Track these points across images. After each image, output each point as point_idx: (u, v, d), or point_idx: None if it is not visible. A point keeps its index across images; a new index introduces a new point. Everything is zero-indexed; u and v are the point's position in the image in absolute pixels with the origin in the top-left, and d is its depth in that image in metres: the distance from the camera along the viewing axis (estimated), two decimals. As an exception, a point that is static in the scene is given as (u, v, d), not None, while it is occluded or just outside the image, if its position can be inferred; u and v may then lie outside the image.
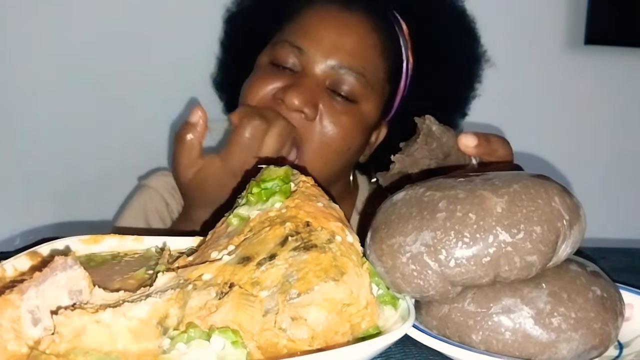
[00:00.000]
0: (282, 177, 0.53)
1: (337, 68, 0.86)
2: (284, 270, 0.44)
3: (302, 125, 0.84)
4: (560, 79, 1.42)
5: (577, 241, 0.49)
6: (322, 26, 0.88)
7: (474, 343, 0.47)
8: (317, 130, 0.85)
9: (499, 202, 0.46)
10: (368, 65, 0.88)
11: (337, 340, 0.43)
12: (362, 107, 0.89)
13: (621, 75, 1.44)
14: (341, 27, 0.88)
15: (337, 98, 0.86)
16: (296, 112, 0.83)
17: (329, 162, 0.87)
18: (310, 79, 0.86)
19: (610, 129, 1.46)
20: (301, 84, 0.85)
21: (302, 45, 0.87)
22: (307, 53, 0.87)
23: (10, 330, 0.38)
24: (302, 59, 0.87)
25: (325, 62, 0.86)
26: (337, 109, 0.86)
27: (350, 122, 0.87)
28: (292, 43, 0.88)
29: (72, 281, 0.41)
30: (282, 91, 0.84)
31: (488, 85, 1.36)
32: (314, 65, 0.86)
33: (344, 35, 0.88)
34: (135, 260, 0.54)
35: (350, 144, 0.89)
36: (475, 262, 0.45)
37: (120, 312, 0.38)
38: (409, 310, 0.47)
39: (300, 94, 0.83)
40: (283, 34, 0.91)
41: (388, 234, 0.48)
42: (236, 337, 0.40)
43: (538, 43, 1.40)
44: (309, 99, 0.84)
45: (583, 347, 0.47)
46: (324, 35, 0.87)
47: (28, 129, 1.24)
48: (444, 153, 0.62)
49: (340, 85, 0.86)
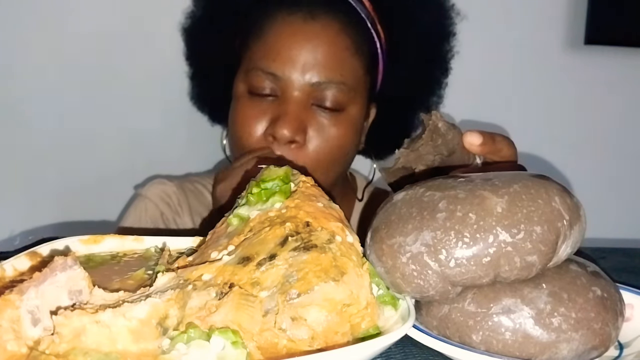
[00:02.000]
0: (282, 177, 0.53)
1: (316, 85, 0.86)
2: (284, 270, 0.44)
3: (296, 154, 0.86)
4: (560, 79, 1.42)
5: (578, 241, 0.49)
6: (291, 43, 0.87)
7: (474, 343, 0.47)
8: (310, 151, 0.87)
9: (499, 202, 0.46)
10: (346, 71, 0.88)
11: (337, 341, 0.43)
12: (349, 112, 0.89)
13: (621, 75, 1.44)
14: (310, 39, 0.87)
15: (323, 113, 0.87)
16: (288, 144, 0.85)
17: (330, 171, 0.89)
18: (293, 104, 0.86)
19: (610, 129, 1.46)
20: (286, 114, 0.85)
21: (275, 71, 0.86)
22: (283, 78, 0.86)
23: (9, 330, 0.38)
24: (279, 85, 0.87)
25: (303, 81, 0.86)
26: (325, 124, 0.87)
27: (340, 131, 0.88)
28: (265, 70, 0.87)
29: (71, 281, 0.41)
30: (271, 128, 0.85)
31: (488, 85, 1.36)
32: (293, 89, 0.86)
33: (315, 48, 0.86)
34: (134, 261, 0.54)
35: (346, 149, 0.90)
36: (475, 262, 0.45)
37: (120, 312, 0.38)
38: (409, 310, 0.47)
39: (288, 125, 0.84)
40: (252, 57, 0.89)
41: (388, 234, 0.48)
42: (236, 338, 0.40)
43: (538, 43, 1.40)
44: (297, 126, 0.85)
45: (583, 348, 0.47)
46: (294, 54, 0.86)
47: (28, 129, 1.24)
48: (449, 150, 0.62)
49: (323, 100, 0.87)
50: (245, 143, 0.88)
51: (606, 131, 1.46)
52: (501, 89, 1.39)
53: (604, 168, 1.46)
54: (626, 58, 1.42)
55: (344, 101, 0.88)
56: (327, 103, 0.87)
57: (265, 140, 0.86)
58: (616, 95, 1.45)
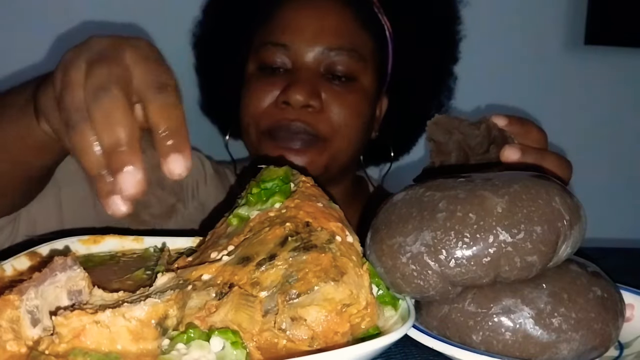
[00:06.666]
0: (281, 177, 0.53)
1: (326, 52, 0.85)
2: (284, 270, 0.44)
3: (314, 118, 0.84)
4: (560, 79, 1.42)
5: (578, 241, 0.49)
6: (299, 16, 0.87)
7: (474, 343, 0.47)
8: (330, 118, 0.86)
9: (499, 202, 0.46)
10: (356, 40, 0.88)
11: (337, 341, 0.43)
12: (361, 81, 0.88)
13: (621, 75, 1.44)
14: (317, 10, 0.87)
15: (335, 81, 0.86)
16: (303, 109, 0.83)
17: (352, 141, 0.89)
18: (305, 72, 0.85)
19: (610, 129, 1.46)
20: (298, 80, 0.84)
21: (285, 41, 0.86)
22: (293, 47, 0.85)
23: (9, 330, 0.38)
24: (289, 55, 0.86)
25: (313, 50, 0.85)
26: (340, 91, 0.86)
27: (355, 99, 0.87)
28: (274, 42, 0.86)
29: (71, 281, 0.41)
30: (283, 94, 0.84)
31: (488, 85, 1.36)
32: (304, 57, 0.85)
33: (324, 18, 0.87)
34: (133, 261, 0.54)
35: (363, 119, 0.89)
36: (475, 262, 0.45)
37: (119, 312, 0.38)
38: (409, 310, 0.47)
39: (301, 89, 0.83)
40: (261, 37, 0.89)
41: (388, 234, 0.48)
42: (236, 338, 0.40)
43: (538, 43, 1.40)
44: (311, 90, 0.84)
45: (583, 348, 0.47)
46: (303, 24, 0.86)
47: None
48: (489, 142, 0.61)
49: (335, 68, 0.86)
50: (257, 113, 0.86)
51: (606, 131, 1.46)
52: (501, 89, 1.39)
53: (604, 168, 1.46)
54: (626, 58, 1.42)
55: (356, 70, 0.87)
56: (339, 71, 0.86)
57: (277, 109, 0.85)
58: (616, 95, 1.45)
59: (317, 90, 0.85)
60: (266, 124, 0.86)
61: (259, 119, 0.87)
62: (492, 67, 1.37)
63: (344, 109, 0.86)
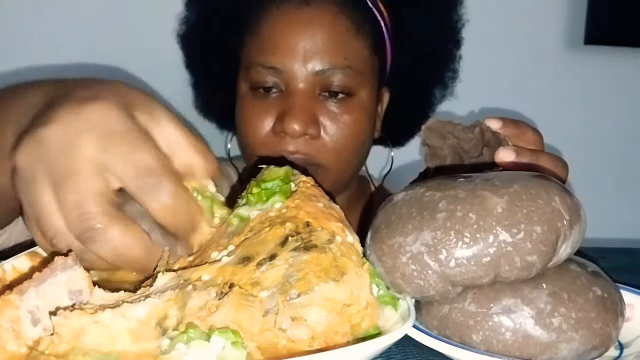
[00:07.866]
0: (282, 177, 0.53)
1: (320, 73, 0.82)
2: (284, 270, 0.44)
3: (313, 147, 0.83)
4: (560, 79, 1.42)
5: (578, 241, 0.49)
6: (288, 33, 0.83)
7: (474, 343, 0.47)
8: (328, 143, 0.83)
9: (499, 202, 0.46)
10: (350, 54, 0.84)
11: (337, 341, 0.43)
12: (359, 96, 0.86)
13: (621, 75, 1.44)
14: (306, 26, 0.83)
15: (332, 99, 0.84)
16: (301, 137, 0.82)
17: (350, 161, 0.87)
18: (300, 96, 0.82)
19: (610, 129, 1.46)
20: (293, 107, 0.81)
21: (275, 64, 0.82)
22: (285, 70, 0.82)
23: (9, 330, 0.38)
24: (282, 78, 0.83)
25: (306, 71, 0.82)
26: (337, 112, 0.84)
27: (353, 118, 0.85)
28: (264, 65, 0.83)
29: (72, 281, 0.41)
30: (280, 124, 0.82)
31: (488, 85, 1.36)
32: (297, 80, 0.82)
33: (314, 35, 0.82)
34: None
35: (362, 137, 0.87)
36: (475, 262, 0.45)
37: (119, 312, 0.38)
38: (409, 310, 0.47)
39: (297, 119, 0.80)
40: (250, 54, 0.86)
41: (388, 234, 0.48)
42: (236, 338, 0.40)
43: (538, 43, 1.40)
44: (307, 118, 0.81)
45: (583, 348, 0.47)
46: (293, 43, 0.82)
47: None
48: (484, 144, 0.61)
49: (330, 87, 0.83)
50: (255, 142, 0.85)
51: (606, 131, 1.46)
52: (501, 89, 1.39)
53: (604, 168, 1.46)
54: (626, 58, 1.42)
55: (352, 86, 0.84)
56: (335, 88, 0.83)
57: (275, 138, 0.83)
58: (616, 95, 1.45)
59: (313, 116, 0.82)
60: (265, 153, 0.85)
61: (257, 148, 0.85)
62: (492, 67, 1.37)
63: (343, 131, 0.84)
